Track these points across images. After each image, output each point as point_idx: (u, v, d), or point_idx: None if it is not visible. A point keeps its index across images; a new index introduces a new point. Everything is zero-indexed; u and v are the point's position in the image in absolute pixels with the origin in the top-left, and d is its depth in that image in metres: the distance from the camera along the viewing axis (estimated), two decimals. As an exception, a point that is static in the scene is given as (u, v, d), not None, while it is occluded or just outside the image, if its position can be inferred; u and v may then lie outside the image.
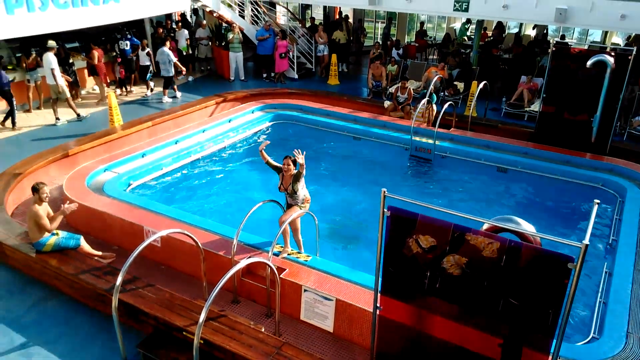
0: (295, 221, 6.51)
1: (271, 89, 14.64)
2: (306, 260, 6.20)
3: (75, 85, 13.47)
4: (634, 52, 9.33)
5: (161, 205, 7.56)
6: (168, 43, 13.71)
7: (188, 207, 8.36)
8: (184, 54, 16.31)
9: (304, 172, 6.28)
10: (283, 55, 15.92)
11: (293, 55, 16.68)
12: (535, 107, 12.62)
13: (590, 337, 5.24)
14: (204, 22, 17.29)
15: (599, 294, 5.92)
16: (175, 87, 14.06)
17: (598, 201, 3.89)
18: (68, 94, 11.85)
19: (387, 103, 12.80)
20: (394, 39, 19.88)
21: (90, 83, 14.62)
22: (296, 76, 16.90)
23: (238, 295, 6.22)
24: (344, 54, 17.82)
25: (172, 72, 13.60)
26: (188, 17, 19.58)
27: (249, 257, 5.94)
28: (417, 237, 4.11)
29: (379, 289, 4.49)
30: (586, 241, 3.33)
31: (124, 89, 14.43)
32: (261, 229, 7.42)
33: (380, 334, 4.66)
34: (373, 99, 14.49)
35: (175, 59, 13.66)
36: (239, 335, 5.15)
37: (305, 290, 5.75)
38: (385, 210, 4.12)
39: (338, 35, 17.19)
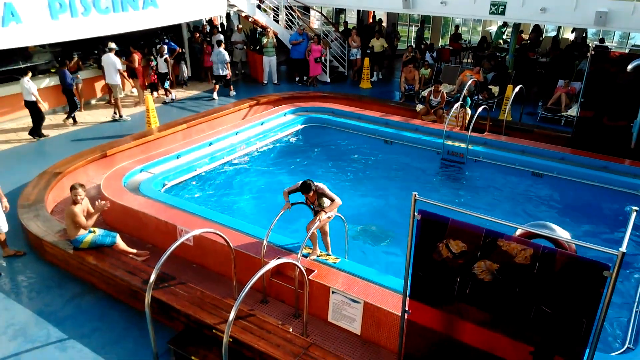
0: (324, 225, 6.55)
1: (304, 92, 14.75)
2: (335, 263, 6.22)
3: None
4: (678, 56, 9.01)
5: (194, 205, 7.73)
6: (222, 44, 14.34)
7: (220, 208, 8.51)
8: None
9: (325, 188, 6.37)
10: (318, 59, 16.02)
11: (326, 59, 16.76)
12: (573, 111, 12.31)
13: (625, 347, 5.07)
14: (240, 26, 17.58)
15: (636, 303, 5.72)
16: (231, 86, 14.93)
17: (637, 208, 3.78)
18: (121, 94, 12.94)
19: (419, 106, 12.70)
20: (428, 42, 19.73)
21: (129, 86, 15.07)
22: (328, 80, 16.97)
23: (267, 295, 6.30)
24: (379, 62, 17.73)
25: (227, 72, 14.36)
26: (223, 21, 19.96)
27: (278, 258, 5.98)
28: (448, 242, 4.07)
29: (408, 293, 4.47)
30: (623, 249, 3.24)
31: (153, 92, 14.74)
32: (291, 231, 7.50)
33: (408, 338, 4.63)
34: (405, 102, 14.41)
35: (228, 59, 14.37)
36: (267, 335, 5.21)
37: (333, 292, 5.77)
38: (415, 213, 4.10)
39: (374, 42, 17.11)
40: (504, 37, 21.59)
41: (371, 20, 21.38)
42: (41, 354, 5.53)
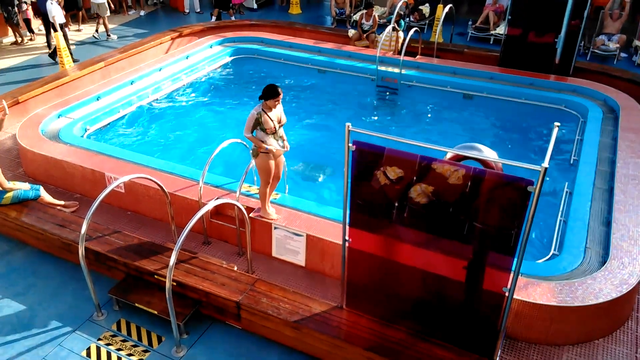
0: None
1: (229, 20, 13.97)
2: (275, 198, 6.17)
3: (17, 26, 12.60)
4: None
5: (121, 150, 7.33)
6: None
7: (150, 151, 8.13)
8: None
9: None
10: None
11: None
12: (501, 29, 12.45)
13: (550, 254, 5.46)
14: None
15: (560, 213, 6.11)
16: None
17: (558, 124, 3.89)
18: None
19: (351, 32, 12.42)
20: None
21: (36, 24, 13.69)
22: (255, 6, 16.16)
23: (208, 237, 6.21)
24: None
25: None
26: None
27: (217, 198, 5.86)
28: (385, 169, 4.10)
29: (348, 222, 4.52)
30: (545, 164, 3.35)
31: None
32: (228, 169, 7.32)
33: (351, 265, 4.75)
34: (337, 27, 14.06)
35: None
36: (212, 275, 5.18)
37: (275, 228, 5.77)
38: (350, 145, 4.06)
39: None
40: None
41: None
42: (-28, 318, 5.26)
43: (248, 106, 9.95)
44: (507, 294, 4.01)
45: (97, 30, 13.66)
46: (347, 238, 4.59)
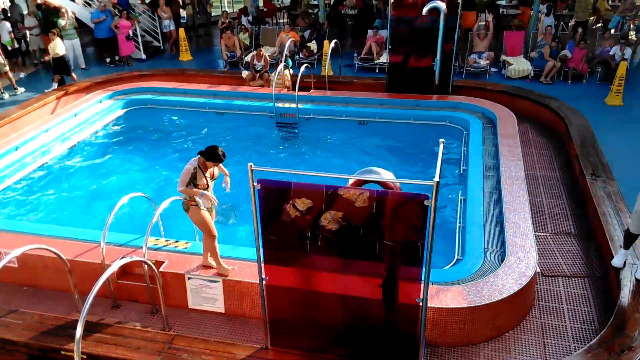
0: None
1: (118, 73, 13.57)
2: (185, 248, 6.01)
3: None
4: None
5: (10, 221, 6.78)
6: None
7: (44, 218, 7.59)
8: (9, 48, 14.49)
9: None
10: (128, 37, 14.82)
11: (136, 34, 15.61)
12: (384, 58, 13.28)
13: (455, 259, 5.80)
14: (32, 10, 15.41)
15: (458, 220, 6.54)
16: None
17: (443, 140, 4.23)
18: None
19: (245, 73, 12.62)
20: (243, 6, 19.51)
21: None
22: (144, 56, 15.93)
23: (117, 300, 5.85)
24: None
25: None
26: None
27: (122, 257, 5.58)
28: (294, 202, 4.19)
29: (262, 260, 4.52)
30: (436, 178, 3.61)
31: None
32: (131, 226, 7.02)
33: (271, 302, 4.72)
34: (230, 70, 14.21)
35: None
36: (125, 340, 4.89)
37: (189, 278, 5.59)
38: (255, 184, 4.10)
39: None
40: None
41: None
42: None
43: (148, 157, 9.68)
44: (421, 304, 4.20)
45: None
46: (263, 276, 4.58)
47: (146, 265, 5.14)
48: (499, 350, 4.97)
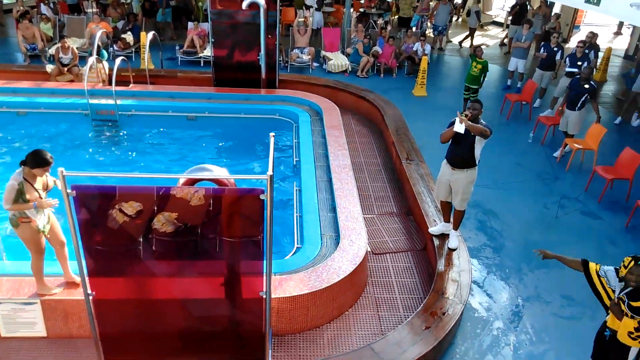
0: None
1: None
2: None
3: None
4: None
5: None
6: None
7: None
8: None
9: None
10: None
11: None
12: (208, 52, 12.98)
13: (295, 248, 5.95)
14: None
15: (295, 209, 6.72)
16: None
17: (273, 134, 4.25)
18: None
19: (49, 67, 11.22)
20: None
21: None
22: None
23: None
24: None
25: None
26: None
27: None
28: (121, 206, 3.82)
29: (86, 273, 4.05)
30: (270, 172, 3.61)
31: None
32: None
33: (101, 318, 4.27)
34: (32, 64, 12.54)
35: None
36: None
37: (-1, 304, 4.80)
38: (69, 191, 3.62)
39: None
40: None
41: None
42: None
43: None
44: (264, 297, 4.20)
45: None
46: (89, 292, 4.11)
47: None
48: (341, 329, 5.24)
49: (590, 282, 4.18)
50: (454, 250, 6.06)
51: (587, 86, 8.92)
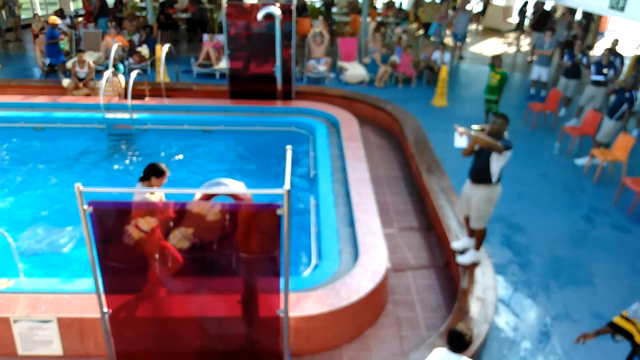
0: None
1: None
2: (7, 287, 5.08)
3: None
4: (295, 2, 10.29)
5: None
6: None
7: None
8: None
9: None
10: None
11: None
12: (224, 64, 12.99)
13: (313, 264, 5.80)
14: None
15: (312, 224, 6.58)
16: None
17: (290, 147, 4.15)
18: None
19: (66, 81, 11.30)
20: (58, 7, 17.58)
21: None
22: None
23: None
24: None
25: None
26: None
27: None
28: (137, 222, 3.77)
29: (102, 290, 3.97)
30: (286, 187, 3.49)
31: None
32: None
33: (117, 337, 4.19)
34: (49, 78, 12.67)
35: None
36: None
37: (15, 321, 4.73)
38: (85, 207, 3.56)
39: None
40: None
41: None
42: None
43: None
44: (282, 315, 4.06)
45: None
46: (105, 310, 4.02)
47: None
48: (361, 350, 5.06)
49: (623, 333, 4.09)
50: (467, 265, 5.81)
51: (627, 95, 8.73)
